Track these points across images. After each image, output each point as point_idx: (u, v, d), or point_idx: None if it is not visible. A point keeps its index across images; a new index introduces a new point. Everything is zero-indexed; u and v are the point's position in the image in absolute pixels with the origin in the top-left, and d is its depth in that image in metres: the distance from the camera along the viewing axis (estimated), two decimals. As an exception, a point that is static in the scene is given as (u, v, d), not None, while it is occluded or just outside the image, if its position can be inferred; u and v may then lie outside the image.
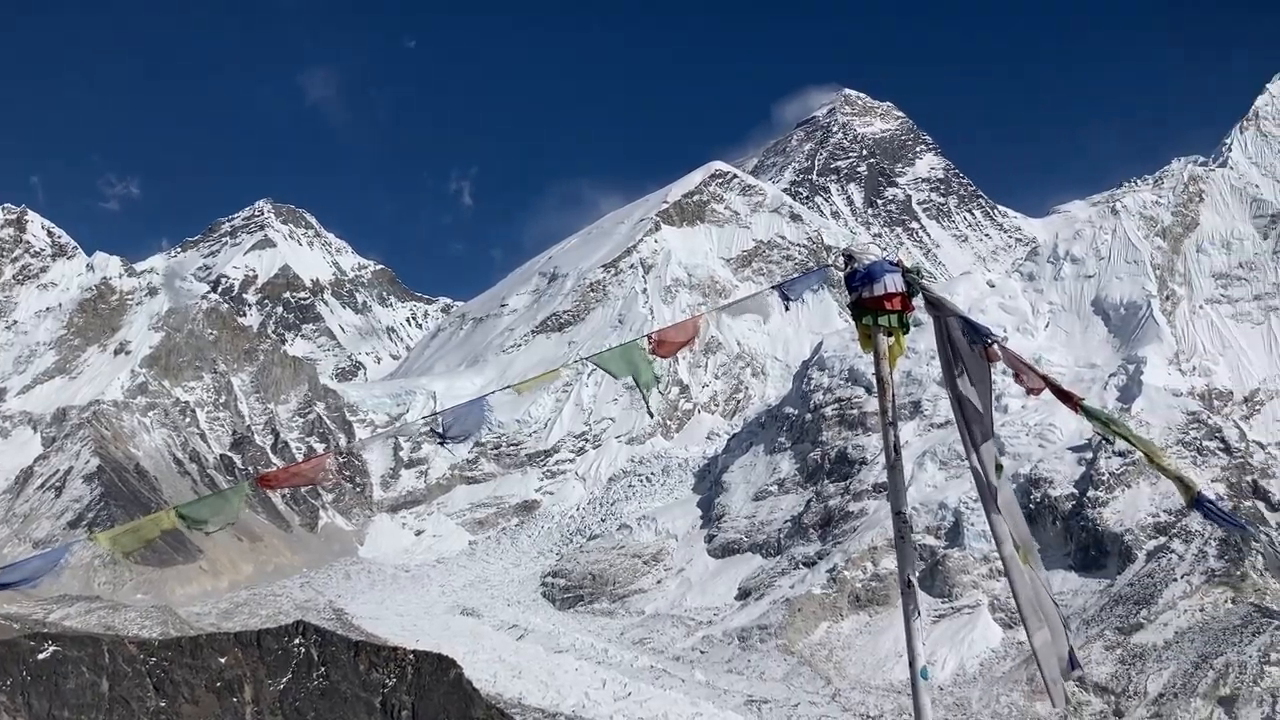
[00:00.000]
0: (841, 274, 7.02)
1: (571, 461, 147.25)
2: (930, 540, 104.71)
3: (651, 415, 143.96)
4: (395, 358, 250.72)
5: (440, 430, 6.43)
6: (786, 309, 7.54)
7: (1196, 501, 5.76)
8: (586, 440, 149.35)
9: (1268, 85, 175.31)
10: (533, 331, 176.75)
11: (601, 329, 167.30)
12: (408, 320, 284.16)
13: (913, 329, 6.98)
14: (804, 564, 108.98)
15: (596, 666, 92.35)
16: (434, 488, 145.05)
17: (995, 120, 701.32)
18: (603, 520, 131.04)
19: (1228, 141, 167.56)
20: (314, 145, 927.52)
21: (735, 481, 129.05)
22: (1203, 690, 77.28)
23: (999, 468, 6.34)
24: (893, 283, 6.77)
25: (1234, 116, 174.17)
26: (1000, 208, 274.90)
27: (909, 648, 6.46)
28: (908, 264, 6.99)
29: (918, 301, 6.87)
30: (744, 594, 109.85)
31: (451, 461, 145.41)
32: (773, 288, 7.20)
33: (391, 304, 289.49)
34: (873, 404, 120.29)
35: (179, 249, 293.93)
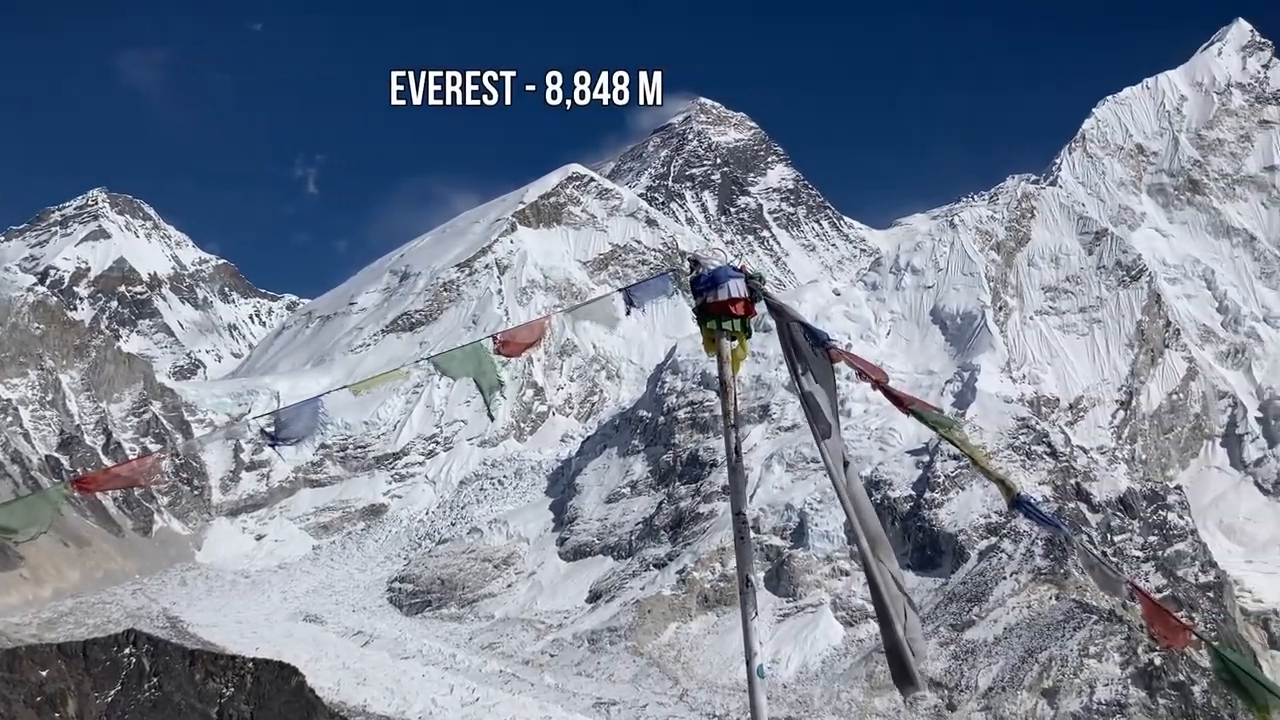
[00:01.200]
0: (687, 278, 7.12)
1: (421, 464, 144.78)
2: (776, 541, 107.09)
3: (492, 419, 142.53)
4: (237, 356, 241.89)
5: (271, 432, 6.17)
6: (628, 313, 7.56)
7: (1017, 503, 6.03)
8: (437, 443, 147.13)
9: (1094, 110, 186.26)
10: (382, 331, 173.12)
11: (454, 330, 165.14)
12: (251, 317, 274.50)
13: (762, 334, 7.14)
14: (654, 566, 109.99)
15: (444, 672, 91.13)
16: (277, 491, 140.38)
17: (843, 135, 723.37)
18: (453, 524, 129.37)
19: (1058, 162, 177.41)
20: (144, 130, 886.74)
21: (588, 484, 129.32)
22: (1028, 683, 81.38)
23: (846, 464, 6.49)
24: (736, 288, 6.89)
25: (1063, 139, 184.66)
26: (846, 219, 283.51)
27: (746, 646, 6.54)
28: (751, 270, 7.13)
29: (761, 307, 7.02)
30: (595, 596, 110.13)
31: (296, 464, 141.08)
32: (618, 291, 7.23)
33: (234, 300, 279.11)
34: (721, 407, 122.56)
35: (1, 237, 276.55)
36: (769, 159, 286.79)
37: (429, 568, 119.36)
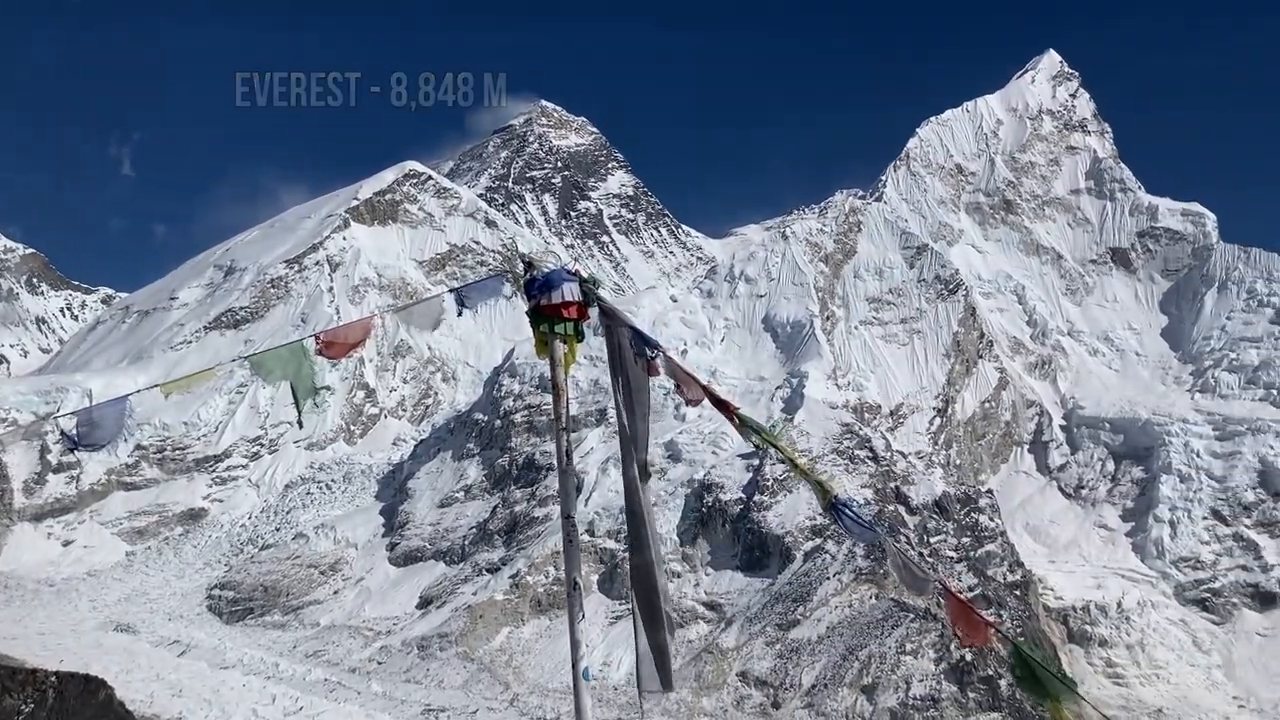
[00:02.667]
0: (521, 281, 7.11)
1: (244, 467, 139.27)
2: (611, 544, 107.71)
3: (301, 425, 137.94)
4: (46, 351, 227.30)
5: (75, 435, 5.82)
6: (460, 314, 7.50)
7: (833, 506, 6.29)
8: (262, 445, 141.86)
9: (918, 130, 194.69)
10: (205, 328, 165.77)
11: (282, 328, 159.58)
12: (62, 310, 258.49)
13: (601, 338, 7.18)
14: (488, 570, 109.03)
15: (265, 682, 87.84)
16: (87, 494, 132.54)
17: (682, 145, 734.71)
18: (277, 529, 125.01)
19: (884, 179, 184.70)
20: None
21: (421, 488, 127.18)
22: (849, 680, 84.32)
23: (646, 475, 6.61)
24: (570, 291, 6.93)
25: (890, 156, 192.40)
26: (684, 227, 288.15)
27: (572, 649, 6.58)
28: (585, 274, 7.18)
29: (594, 311, 7.07)
30: (425, 602, 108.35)
31: (108, 466, 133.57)
32: (449, 292, 7.17)
33: (43, 292, 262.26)
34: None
35: None
36: (609, 165, 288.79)
37: (251, 574, 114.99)
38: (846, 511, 6.30)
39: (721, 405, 6.65)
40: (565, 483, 6.82)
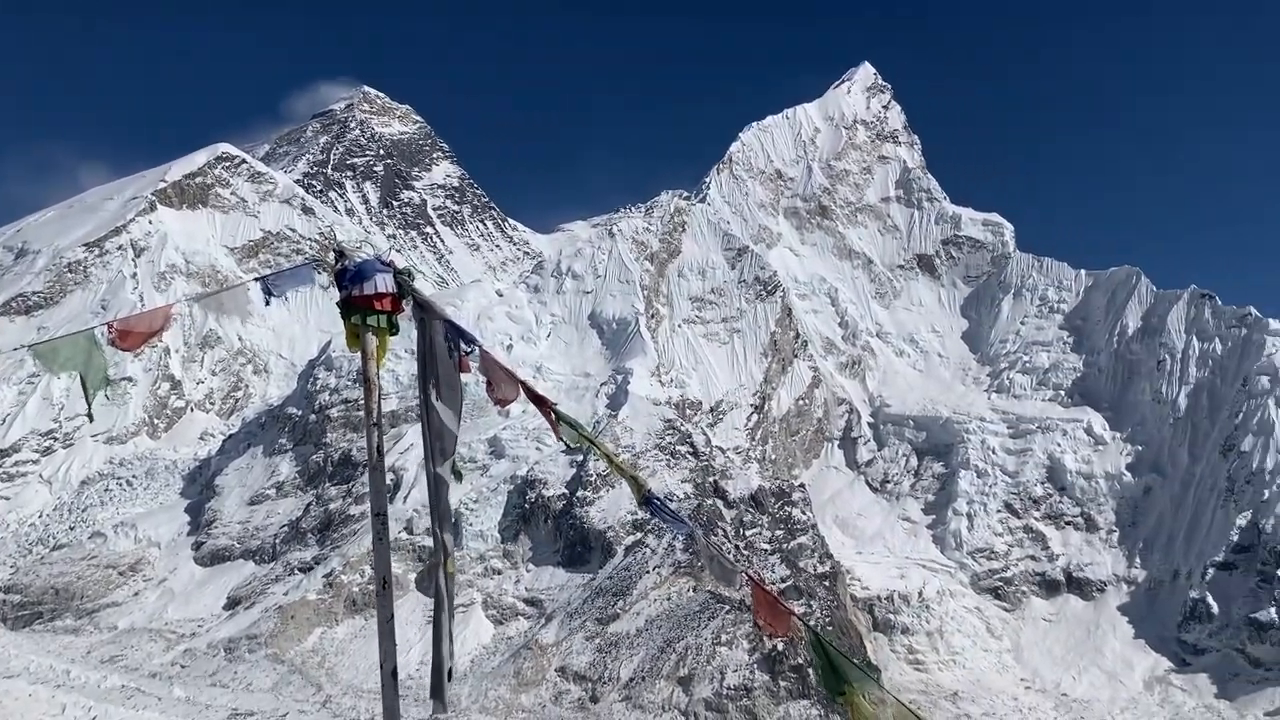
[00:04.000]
0: (332, 270, 6.89)
1: (35, 462, 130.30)
2: (429, 541, 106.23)
3: (91, 419, 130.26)
4: None
5: None
6: (267, 304, 7.22)
7: (646, 500, 6.36)
8: (55, 438, 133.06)
9: (740, 135, 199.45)
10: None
11: (80, 314, 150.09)
12: None
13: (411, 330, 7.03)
14: (300, 569, 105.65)
15: (55, 690, 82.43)
16: None
17: (509, 138, 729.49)
18: (72, 528, 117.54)
19: (708, 181, 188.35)
20: None
21: (229, 485, 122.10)
22: (666, 672, 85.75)
23: (459, 475, 6.53)
24: (383, 282, 6.76)
25: (713, 159, 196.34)
26: (511, 221, 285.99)
27: (381, 648, 6.44)
28: (400, 265, 7.02)
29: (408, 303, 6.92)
30: (233, 603, 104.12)
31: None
32: (255, 280, 6.89)
33: None
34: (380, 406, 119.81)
35: None
36: (434, 155, 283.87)
37: (41, 576, 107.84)
38: (660, 505, 6.39)
39: (539, 402, 6.63)
40: (376, 480, 6.65)
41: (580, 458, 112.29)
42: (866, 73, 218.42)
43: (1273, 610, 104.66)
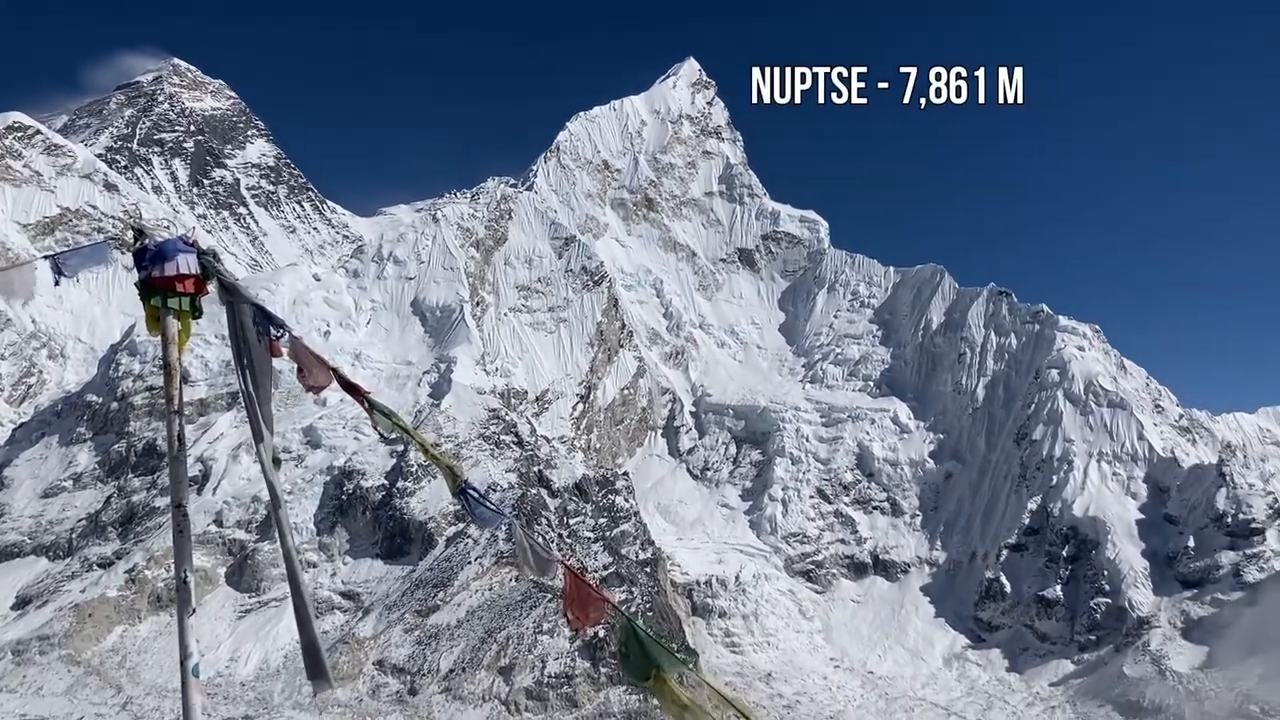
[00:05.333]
0: (131, 250, 6.56)
1: None
2: (241, 534, 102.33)
3: None
4: None
5: None
6: (57, 284, 6.80)
7: (461, 491, 6.32)
8: None
9: (568, 124, 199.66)
10: None
11: None
12: None
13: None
14: (99, 565, 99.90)
15: None
16: None
17: (328, 118, 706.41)
18: None
19: (535, 169, 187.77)
20: None
21: (20, 477, 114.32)
22: (487, 662, 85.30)
23: (277, 463, 6.34)
24: (186, 263, 6.48)
25: (541, 148, 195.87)
26: (330, 203, 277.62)
27: (181, 645, 6.18)
28: (204, 245, 6.74)
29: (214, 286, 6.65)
30: (23, 602, 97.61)
31: None
32: (43, 258, 6.47)
33: None
34: (187, 393, 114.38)
35: None
36: (249, 133, 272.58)
37: None
38: (474, 495, 6.35)
39: (352, 390, 6.48)
40: (177, 469, 6.37)
41: (401, 448, 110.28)
42: (692, 68, 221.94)
43: (1058, 588, 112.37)
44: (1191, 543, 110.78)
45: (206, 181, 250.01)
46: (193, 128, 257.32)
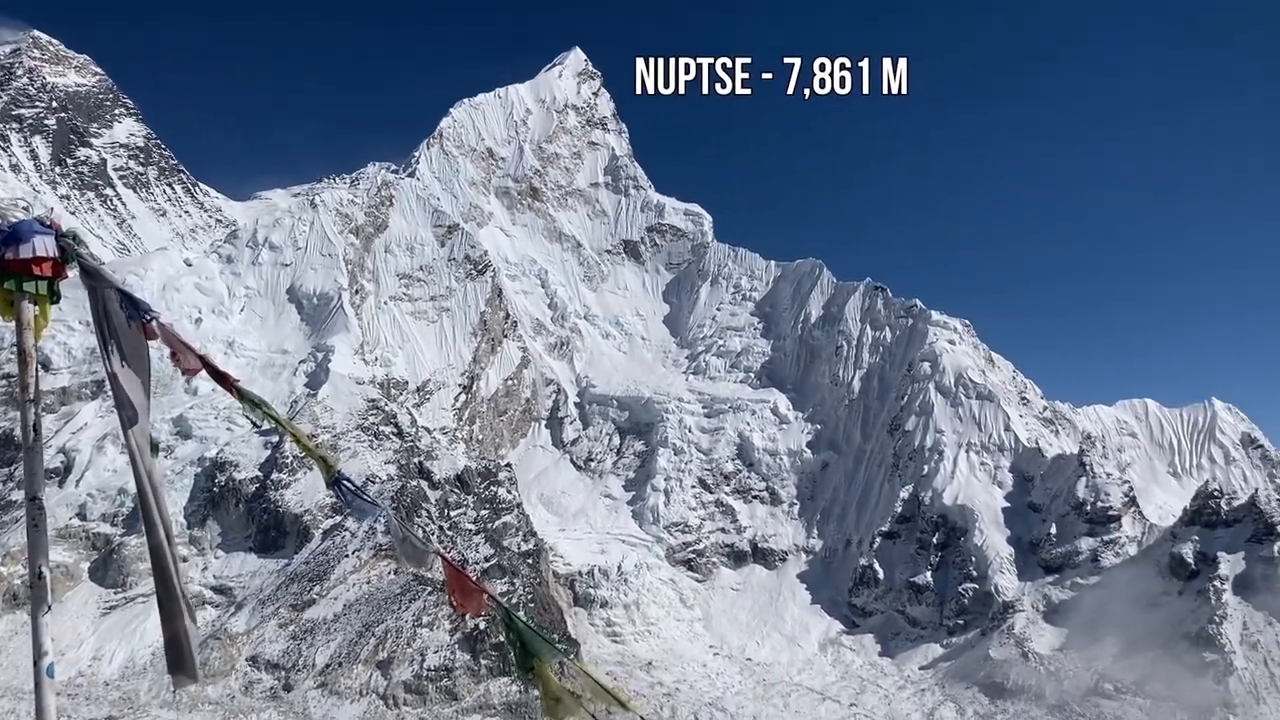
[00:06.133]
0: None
1: None
2: (106, 528, 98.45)
3: None
4: None
5: None
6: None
7: (335, 482, 6.20)
8: None
9: (451, 110, 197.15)
10: None
11: None
12: None
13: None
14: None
15: None
16: None
17: (201, 98, 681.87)
18: None
19: (417, 155, 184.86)
20: None
21: None
22: (364, 656, 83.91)
23: (155, 448, 6.12)
24: (43, 245, 6.20)
25: (423, 133, 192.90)
26: (203, 186, 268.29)
27: (35, 644, 5.92)
28: (64, 227, 6.46)
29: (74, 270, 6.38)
30: None
31: None
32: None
33: None
34: (49, 382, 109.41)
35: None
36: (116, 111, 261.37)
37: None
38: (348, 487, 6.23)
39: (220, 378, 6.30)
40: (31, 461, 6.08)
41: (276, 439, 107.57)
42: (578, 58, 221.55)
43: (929, 574, 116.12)
44: (1053, 530, 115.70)
45: (70, 161, 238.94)
46: (55, 104, 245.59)
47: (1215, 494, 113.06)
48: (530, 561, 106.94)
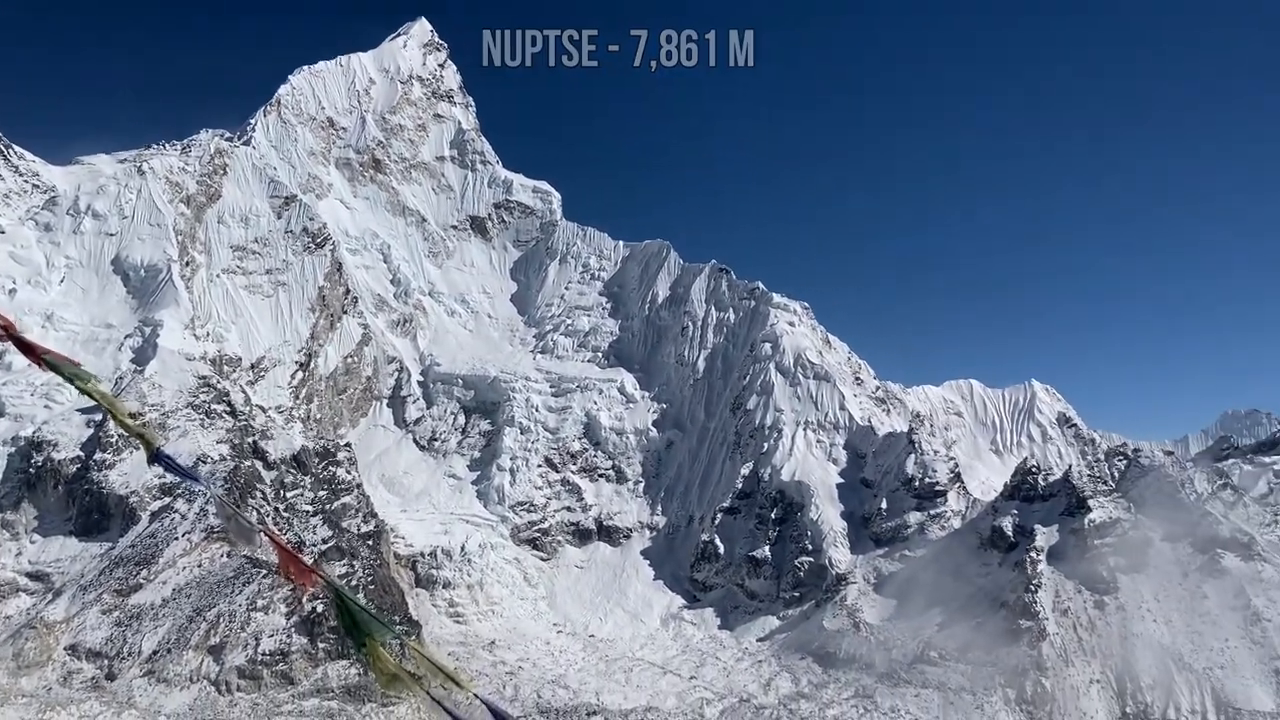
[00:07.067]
0: None
1: None
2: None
3: None
4: None
5: None
6: None
7: (156, 457, 5.97)
8: None
9: (290, 77, 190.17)
10: None
11: None
12: None
13: None
14: None
15: None
16: None
17: (15, 54, 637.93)
18: None
19: (253, 123, 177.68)
20: None
21: None
22: (195, 642, 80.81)
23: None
24: None
25: (260, 101, 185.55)
26: (17, 148, 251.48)
27: None
28: None
29: None
30: None
31: None
32: None
33: None
34: None
35: None
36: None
37: None
38: (170, 462, 6.01)
39: (26, 349, 5.96)
40: None
41: (100, 417, 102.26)
42: (423, 29, 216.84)
43: (766, 548, 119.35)
44: (884, 504, 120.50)
45: None
46: None
47: (1033, 470, 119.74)
48: (370, 543, 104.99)
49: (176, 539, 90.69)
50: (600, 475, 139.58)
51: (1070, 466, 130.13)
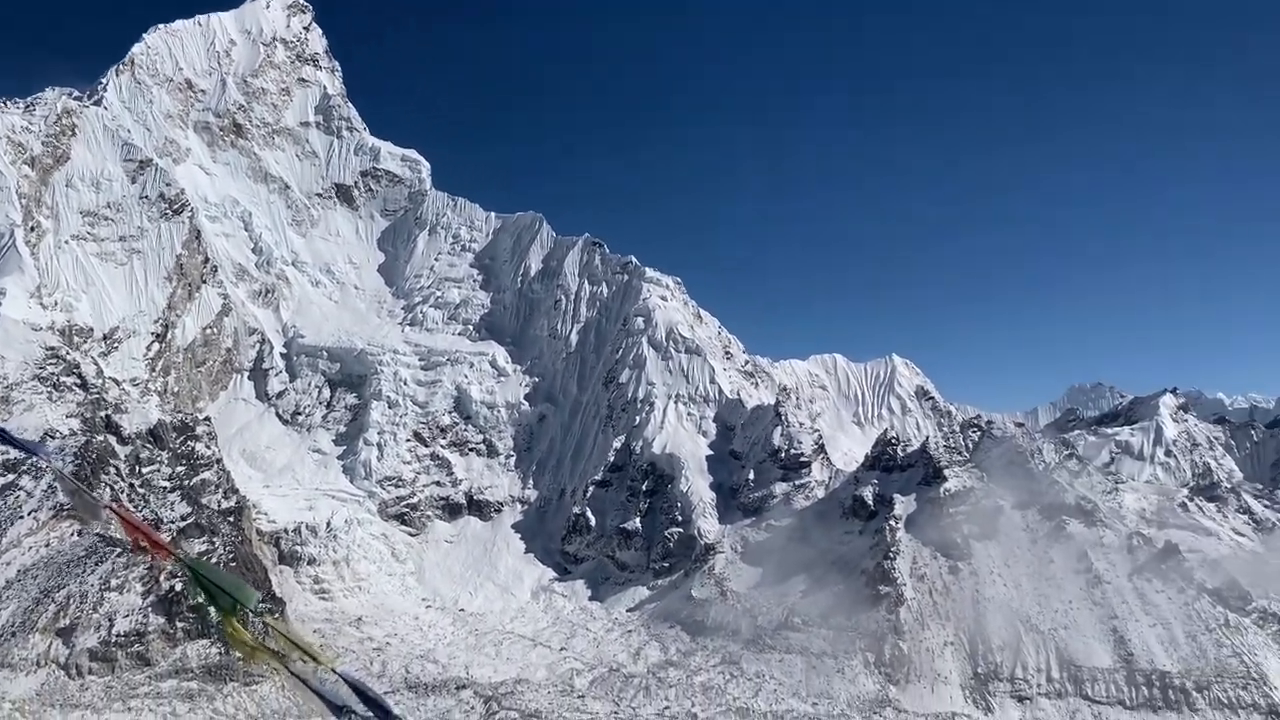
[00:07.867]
0: None
1: None
2: None
3: None
4: None
5: None
6: None
7: (-7, 431, 5.75)
8: None
9: (145, 36, 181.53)
10: None
11: None
12: None
13: None
14: None
15: None
16: None
17: None
18: None
19: (104, 82, 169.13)
20: None
21: None
22: (43, 625, 77.35)
23: None
24: None
25: (113, 59, 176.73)
26: None
27: None
28: None
29: None
30: None
31: None
32: None
33: None
34: None
35: None
36: None
37: None
38: (6, 435, 5.81)
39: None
40: None
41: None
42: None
43: (637, 520, 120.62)
44: (752, 475, 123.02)
45: None
46: None
47: (892, 441, 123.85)
48: (231, 520, 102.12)
49: (22, 518, 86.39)
50: (471, 449, 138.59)
51: (928, 438, 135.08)
